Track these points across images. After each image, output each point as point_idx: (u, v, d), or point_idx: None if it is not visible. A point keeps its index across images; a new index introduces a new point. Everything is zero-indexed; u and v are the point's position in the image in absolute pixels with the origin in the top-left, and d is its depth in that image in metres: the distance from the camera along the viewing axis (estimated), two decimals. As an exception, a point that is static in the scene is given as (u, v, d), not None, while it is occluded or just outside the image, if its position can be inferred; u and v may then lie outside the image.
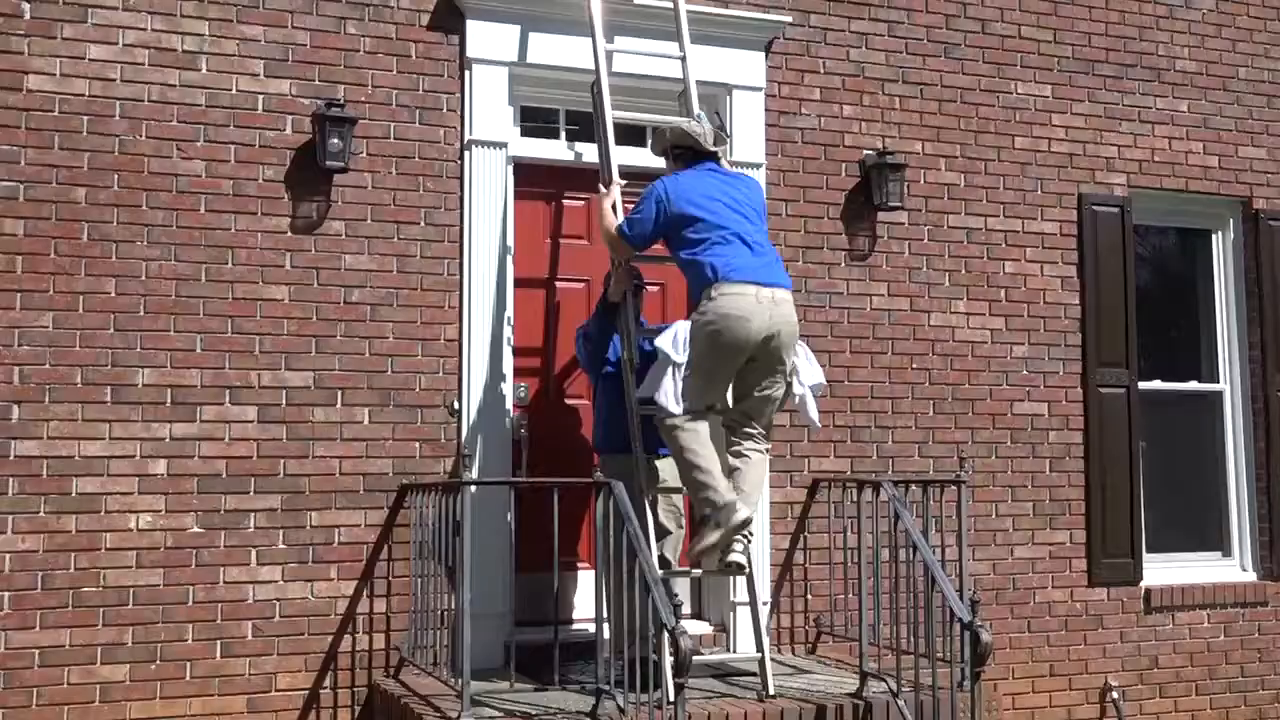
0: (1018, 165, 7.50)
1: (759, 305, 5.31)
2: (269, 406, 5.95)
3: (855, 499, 6.07)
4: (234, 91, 6.03)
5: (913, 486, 6.34)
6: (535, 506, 5.55)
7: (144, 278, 5.83)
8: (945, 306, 7.25)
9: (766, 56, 6.96)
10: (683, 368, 5.52)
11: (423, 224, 6.28)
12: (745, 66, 6.88)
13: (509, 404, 6.35)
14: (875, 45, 7.23)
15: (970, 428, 7.24)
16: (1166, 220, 8.12)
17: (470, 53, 6.39)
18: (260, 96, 6.07)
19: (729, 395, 5.61)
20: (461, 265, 6.30)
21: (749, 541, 5.49)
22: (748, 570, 5.61)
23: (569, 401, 6.70)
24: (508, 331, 6.37)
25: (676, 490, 5.94)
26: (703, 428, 5.46)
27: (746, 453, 5.55)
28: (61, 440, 5.65)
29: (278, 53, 6.11)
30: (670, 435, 5.50)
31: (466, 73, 6.39)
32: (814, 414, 5.95)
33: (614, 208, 5.87)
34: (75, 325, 5.71)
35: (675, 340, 5.60)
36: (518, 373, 6.44)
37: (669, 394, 5.52)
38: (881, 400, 7.05)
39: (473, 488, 5.21)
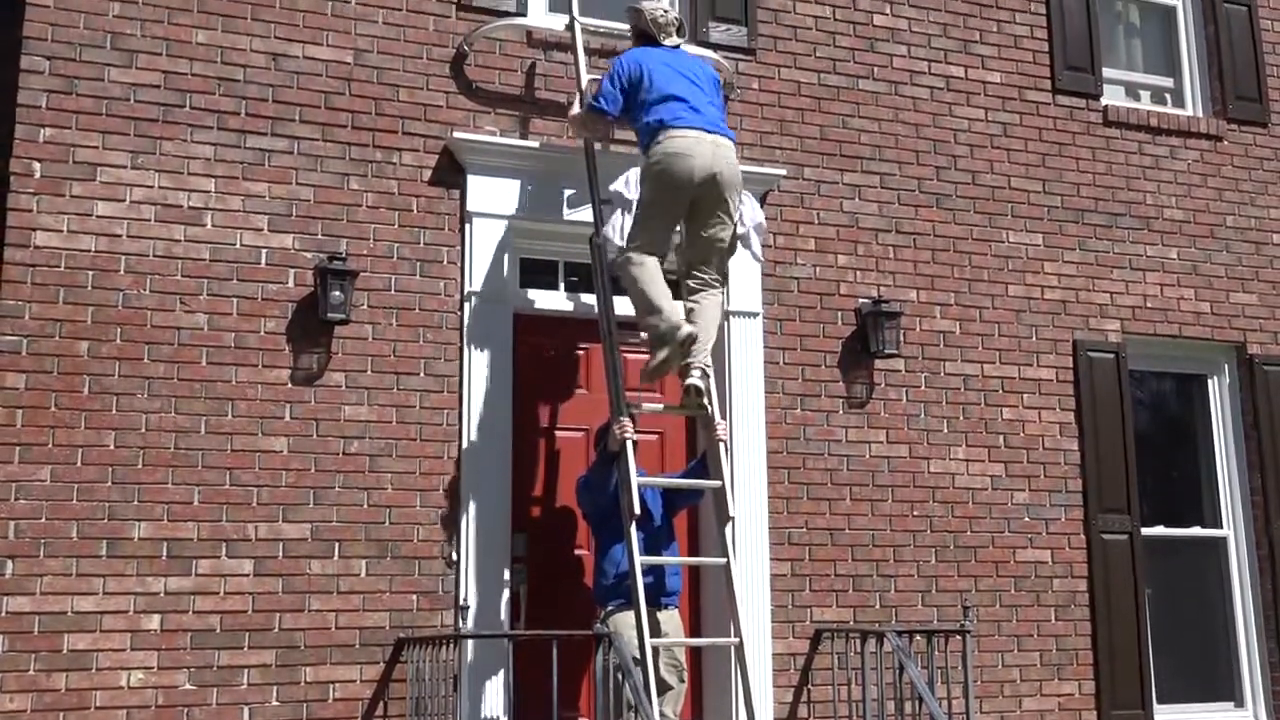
0: (1012, 312, 7.58)
1: (700, 145, 5.89)
2: (265, 559, 5.90)
3: (859, 650, 5.98)
4: (238, 246, 6.13)
5: (917, 636, 6.26)
6: (534, 659, 5.46)
7: (143, 430, 5.83)
8: (944, 453, 7.24)
9: (762, 208, 7.09)
10: (633, 205, 6.02)
11: (422, 374, 6.32)
12: (741, 218, 6.99)
13: (508, 555, 6.29)
14: (868, 197, 7.38)
15: (973, 575, 7.16)
16: (1162, 365, 8.16)
17: (470, 207, 6.51)
18: (264, 250, 6.16)
19: (677, 250, 6.14)
20: (461, 415, 6.32)
21: (708, 372, 5.90)
22: (705, 394, 5.87)
23: (569, 552, 6.64)
24: (507, 482, 6.35)
25: (678, 644, 5.85)
26: (651, 263, 5.92)
27: (699, 299, 6.00)
28: (54, 596, 5.58)
29: (281, 208, 6.22)
30: (624, 270, 5.94)
31: (467, 226, 6.50)
32: (757, 248, 6.44)
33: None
34: (73, 479, 5.69)
35: (627, 182, 6.09)
36: (517, 523, 6.39)
37: (616, 229, 6.07)
38: (883, 548, 6.99)
39: (470, 641, 5.13)
